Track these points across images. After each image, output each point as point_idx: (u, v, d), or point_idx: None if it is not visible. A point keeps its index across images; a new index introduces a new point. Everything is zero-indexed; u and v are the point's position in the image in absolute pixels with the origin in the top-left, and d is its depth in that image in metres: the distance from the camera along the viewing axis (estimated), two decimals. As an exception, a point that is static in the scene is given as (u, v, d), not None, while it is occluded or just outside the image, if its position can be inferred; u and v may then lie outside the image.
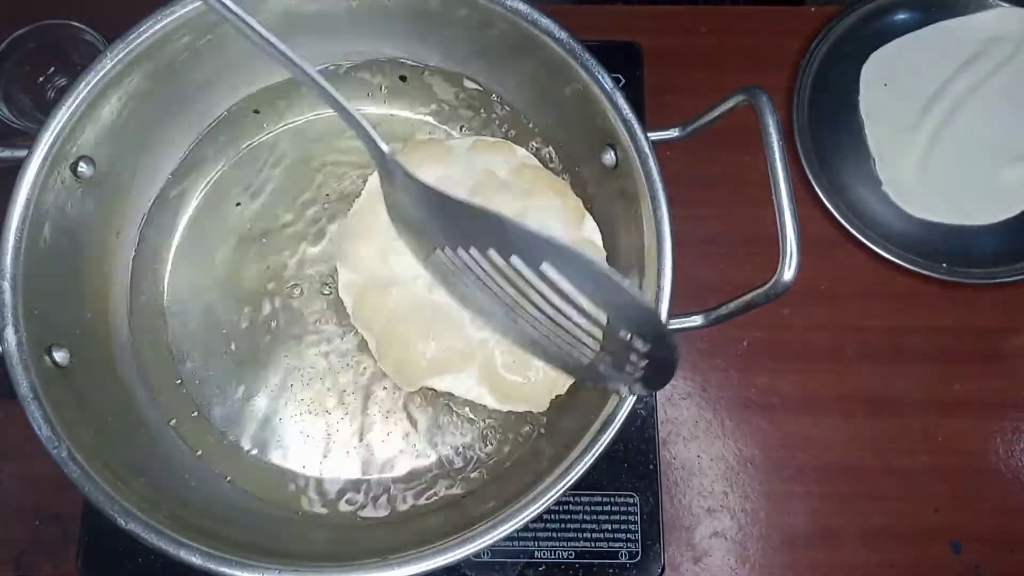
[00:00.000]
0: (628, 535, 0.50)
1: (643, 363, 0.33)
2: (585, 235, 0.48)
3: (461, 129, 0.53)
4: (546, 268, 0.30)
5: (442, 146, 0.50)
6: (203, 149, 0.52)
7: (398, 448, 0.48)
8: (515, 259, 0.31)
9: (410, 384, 0.47)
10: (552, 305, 0.32)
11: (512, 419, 0.49)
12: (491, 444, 0.49)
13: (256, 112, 0.53)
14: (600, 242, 0.49)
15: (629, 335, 0.32)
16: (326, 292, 0.51)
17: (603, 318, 0.32)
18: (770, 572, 0.51)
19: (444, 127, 0.53)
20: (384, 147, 0.35)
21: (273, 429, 0.49)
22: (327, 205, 0.52)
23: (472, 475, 0.48)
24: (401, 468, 0.48)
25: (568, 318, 0.33)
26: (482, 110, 0.53)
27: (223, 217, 0.52)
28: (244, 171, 0.53)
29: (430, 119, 0.54)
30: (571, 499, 0.50)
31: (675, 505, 0.52)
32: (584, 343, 0.34)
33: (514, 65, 0.48)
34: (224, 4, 0.31)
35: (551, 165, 0.52)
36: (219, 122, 0.52)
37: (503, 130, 0.53)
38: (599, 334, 0.33)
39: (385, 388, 0.49)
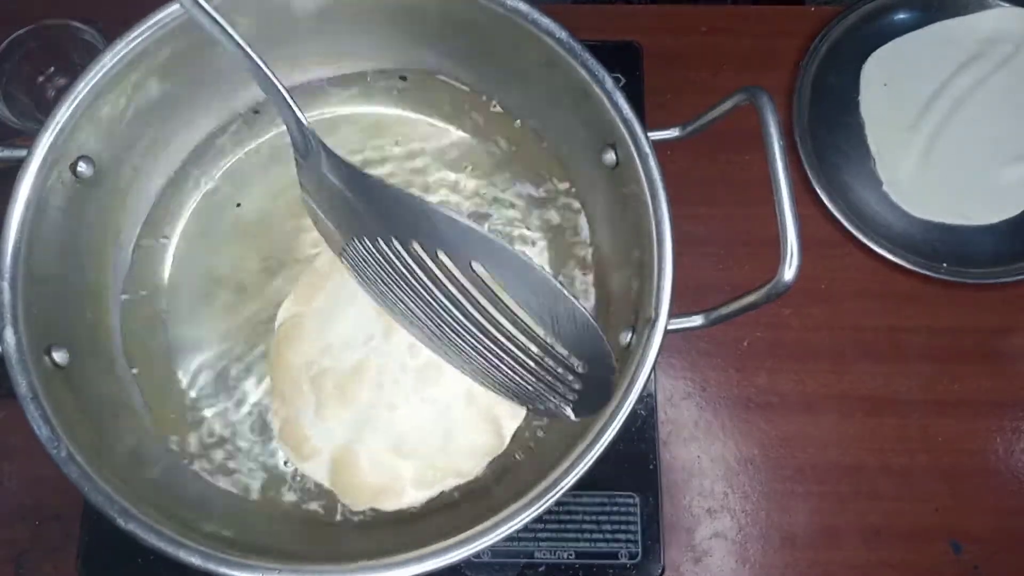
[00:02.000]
0: (628, 535, 0.50)
1: (577, 384, 0.29)
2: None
3: (459, 130, 0.53)
4: (477, 267, 0.27)
5: None
6: (203, 149, 0.52)
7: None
8: (442, 255, 0.28)
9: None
10: (481, 310, 0.28)
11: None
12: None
13: (256, 112, 0.53)
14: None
15: (566, 350, 0.28)
16: (326, 292, 0.51)
17: (539, 329, 0.28)
18: (770, 572, 0.51)
19: (443, 126, 0.53)
20: (303, 118, 0.32)
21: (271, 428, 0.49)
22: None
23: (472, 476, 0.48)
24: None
25: (499, 326, 0.29)
26: (480, 110, 0.53)
27: (223, 217, 0.52)
28: (245, 171, 0.53)
29: (428, 119, 0.54)
30: (571, 499, 0.50)
31: (675, 505, 0.52)
32: (519, 356, 0.29)
33: (513, 65, 0.48)
34: None
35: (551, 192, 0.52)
36: (219, 123, 0.52)
37: (500, 129, 0.53)
38: (533, 348, 0.29)
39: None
